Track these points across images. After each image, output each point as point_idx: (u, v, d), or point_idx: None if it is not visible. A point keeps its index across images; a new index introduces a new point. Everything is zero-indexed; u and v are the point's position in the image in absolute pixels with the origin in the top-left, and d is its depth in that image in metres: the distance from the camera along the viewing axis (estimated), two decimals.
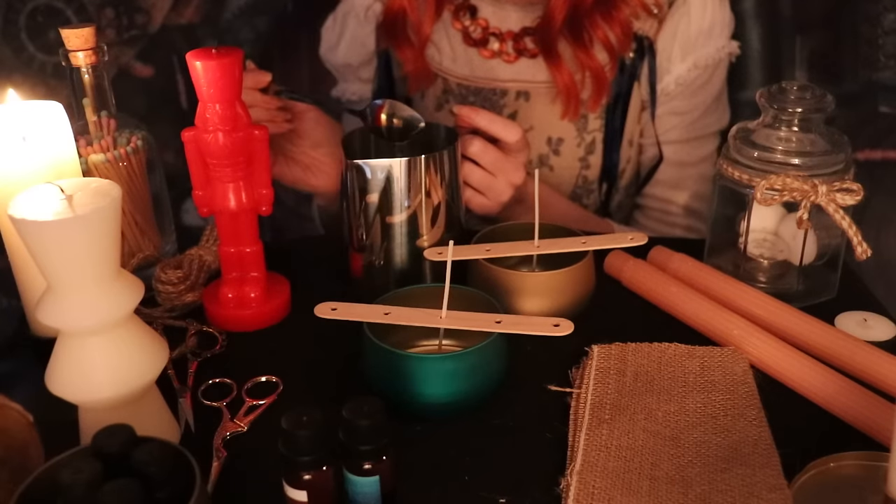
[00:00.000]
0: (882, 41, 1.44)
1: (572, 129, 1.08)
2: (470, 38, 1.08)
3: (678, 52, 1.06)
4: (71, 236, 0.58)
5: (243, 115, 0.78)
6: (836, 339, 0.77)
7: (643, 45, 1.05)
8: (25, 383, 0.75)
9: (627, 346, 0.78)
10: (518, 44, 1.07)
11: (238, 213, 0.82)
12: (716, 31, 1.07)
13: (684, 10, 1.05)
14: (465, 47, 1.09)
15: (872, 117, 1.48)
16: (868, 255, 0.80)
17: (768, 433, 0.67)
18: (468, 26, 1.08)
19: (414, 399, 0.69)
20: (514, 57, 1.07)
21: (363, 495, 0.59)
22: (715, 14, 1.06)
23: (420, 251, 0.84)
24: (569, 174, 1.10)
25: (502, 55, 1.07)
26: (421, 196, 0.82)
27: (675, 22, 1.05)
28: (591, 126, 1.08)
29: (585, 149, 1.09)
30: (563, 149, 1.08)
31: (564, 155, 1.09)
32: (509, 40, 1.07)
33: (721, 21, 1.07)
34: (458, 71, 1.09)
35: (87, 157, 0.84)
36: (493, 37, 1.07)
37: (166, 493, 0.53)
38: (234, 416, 0.72)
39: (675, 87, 1.08)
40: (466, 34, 1.08)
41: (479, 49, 1.08)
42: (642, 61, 1.06)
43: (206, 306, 0.85)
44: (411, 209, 0.82)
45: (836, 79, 1.47)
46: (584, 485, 0.63)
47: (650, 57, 1.06)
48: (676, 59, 1.07)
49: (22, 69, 1.49)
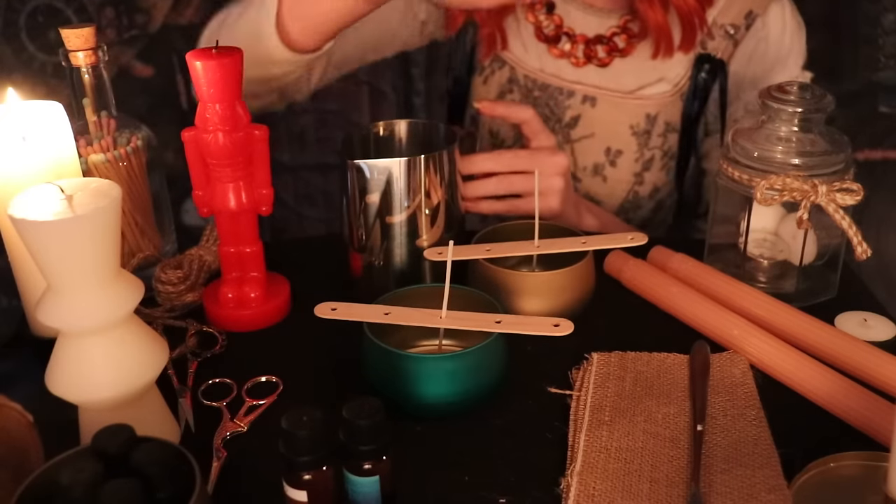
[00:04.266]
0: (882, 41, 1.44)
1: (633, 142, 1.06)
2: (542, 34, 1.06)
3: (751, 76, 1.04)
4: (71, 236, 0.58)
5: (243, 115, 0.78)
6: (836, 339, 0.77)
7: (716, 66, 1.04)
8: (25, 383, 0.75)
9: (627, 354, 0.78)
10: (589, 49, 1.05)
11: (238, 213, 0.82)
12: (791, 61, 1.05)
13: (763, 34, 1.03)
14: (535, 41, 1.07)
15: (872, 117, 1.49)
16: (868, 255, 0.80)
17: (768, 433, 0.67)
18: (542, 21, 1.07)
19: (414, 399, 0.69)
20: (583, 62, 1.06)
21: (363, 495, 0.59)
22: (794, 43, 1.04)
23: (420, 251, 0.84)
24: (621, 188, 1.09)
25: (571, 57, 1.06)
26: (420, 196, 0.82)
27: (751, 46, 1.03)
28: (652, 143, 1.06)
29: (643, 165, 1.07)
30: (621, 161, 1.07)
31: (620, 167, 1.07)
32: (581, 44, 1.06)
33: (798, 51, 1.05)
34: (528, 62, 1.08)
35: (87, 157, 0.84)
36: (566, 36, 1.06)
37: (166, 493, 0.53)
38: (234, 416, 0.72)
39: (743, 114, 1.06)
40: (539, 29, 1.07)
41: (549, 46, 1.06)
42: (714, 83, 1.05)
43: (206, 306, 0.85)
44: (411, 209, 0.82)
45: (836, 79, 1.48)
46: (585, 486, 0.63)
47: (722, 78, 1.04)
48: (748, 85, 1.05)
49: (22, 69, 1.49)
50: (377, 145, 0.90)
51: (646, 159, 1.07)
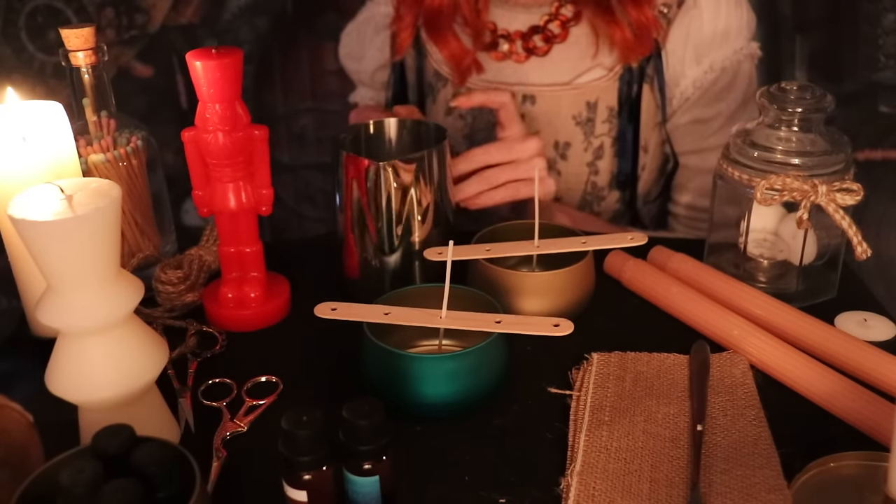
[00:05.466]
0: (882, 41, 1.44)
1: (579, 132, 1.07)
2: (480, 43, 1.07)
3: (692, 54, 1.05)
4: (71, 236, 0.58)
5: (243, 115, 0.78)
6: (836, 339, 0.77)
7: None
8: (25, 383, 0.75)
9: (627, 355, 0.78)
10: (527, 43, 1.06)
11: (238, 213, 0.82)
12: (732, 33, 1.05)
13: (695, 12, 1.04)
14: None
15: (872, 117, 1.49)
16: (868, 255, 0.80)
17: (768, 433, 0.67)
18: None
19: (414, 399, 0.69)
20: (525, 56, 1.07)
21: (363, 495, 0.59)
22: (730, 15, 1.05)
23: (412, 248, 0.84)
24: (576, 180, 1.10)
25: (512, 55, 1.07)
26: (410, 194, 0.82)
27: (686, 24, 1.04)
28: (598, 130, 1.07)
29: (593, 153, 1.08)
30: (570, 153, 1.08)
31: (572, 160, 1.08)
32: (518, 40, 1.07)
33: (738, 23, 1.06)
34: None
35: (87, 157, 0.84)
36: (502, 39, 1.07)
37: (166, 493, 0.53)
38: (234, 416, 0.72)
39: (693, 91, 1.07)
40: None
41: (490, 52, 1.07)
42: (649, 63, 1.06)
43: (206, 306, 0.85)
44: (402, 207, 0.82)
45: (836, 79, 1.48)
46: (585, 486, 0.63)
47: (657, 58, 1.05)
48: (691, 62, 1.06)
49: (22, 69, 1.49)
50: (368, 143, 0.91)
51: (595, 147, 1.08)
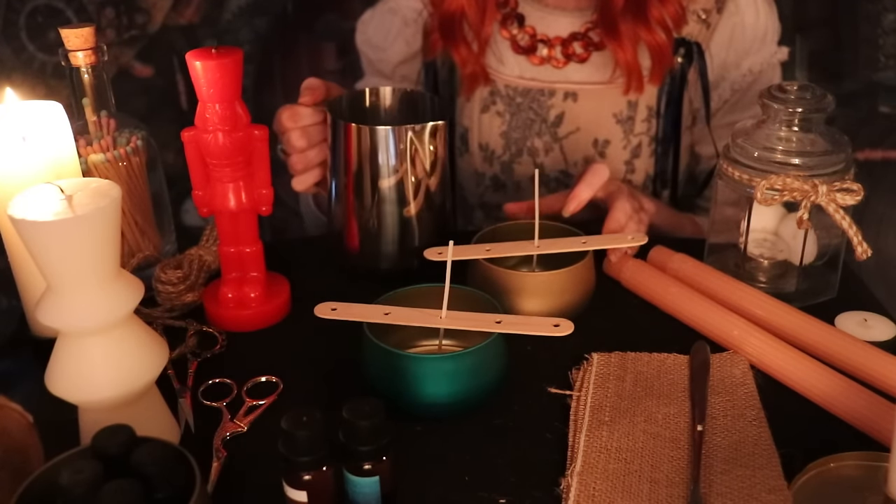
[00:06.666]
0: (882, 41, 1.44)
1: (619, 130, 1.08)
2: (518, 47, 1.08)
3: (733, 58, 1.07)
4: (71, 236, 0.58)
5: (243, 114, 0.78)
6: (836, 339, 0.77)
7: (692, 50, 1.06)
8: (25, 383, 0.75)
9: (627, 355, 0.78)
10: (567, 49, 1.07)
11: (238, 213, 0.82)
12: (769, 38, 1.08)
13: (737, 19, 1.06)
14: (513, 54, 1.09)
15: (872, 117, 1.49)
16: (868, 255, 0.80)
17: (768, 433, 0.68)
18: (516, 35, 1.08)
19: (414, 399, 0.69)
20: (563, 62, 1.07)
21: (363, 495, 0.59)
22: (768, 21, 1.07)
23: (408, 219, 0.86)
24: (613, 177, 1.10)
25: (551, 61, 1.08)
26: (406, 164, 0.84)
27: (728, 28, 1.06)
28: (637, 129, 1.08)
29: (631, 152, 1.09)
30: (609, 151, 1.09)
31: (610, 157, 1.09)
32: (558, 45, 1.07)
33: (773, 27, 1.08)
34: (506, 72, 1.09)
35: (87, 157, 0.84)
36: (542, 43, 1.08)
37: (166, 493, 0.53)
38: (234, 417, 0.72)
39: (731, 94, 1.09)
40: (514, 42, 1.09)
41: (528, 56, 1.08)
42: (691, 66, 1.07)
43: (205, 306, 0.85)
44: (398, 175, 0.84)
45: (836, 79, 1.48)
46: (585, 486, 0.63)
47: (700, 61, 1.06)
48: (731, 66, 1.08)
49: (22, 69, 1.49)
50: (363, 112, 0.92)
51: (633, 146, 1.09)
